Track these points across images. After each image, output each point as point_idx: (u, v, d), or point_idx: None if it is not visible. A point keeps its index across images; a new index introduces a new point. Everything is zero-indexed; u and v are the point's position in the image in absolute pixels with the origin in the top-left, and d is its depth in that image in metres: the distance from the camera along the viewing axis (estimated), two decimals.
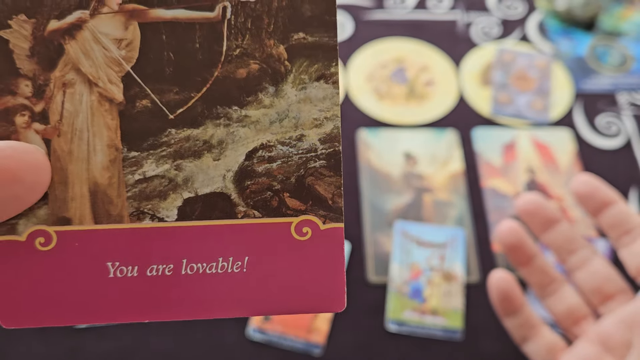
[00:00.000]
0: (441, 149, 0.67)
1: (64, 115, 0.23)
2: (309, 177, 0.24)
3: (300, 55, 0.23)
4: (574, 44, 0.78)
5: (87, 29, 0.23)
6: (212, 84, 0.23)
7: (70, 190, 0.23)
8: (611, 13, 0.82)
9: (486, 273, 0.59)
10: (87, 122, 0.23)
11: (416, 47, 0.77)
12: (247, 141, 0.24)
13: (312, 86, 0.23)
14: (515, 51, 0.77)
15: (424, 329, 0.55)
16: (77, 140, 0.23)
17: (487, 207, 0.63)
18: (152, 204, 0.23)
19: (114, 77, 0.23)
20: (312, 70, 0.23)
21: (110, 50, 0.23)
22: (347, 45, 0.77)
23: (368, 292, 0.57)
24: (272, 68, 0.23)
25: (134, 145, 0.23)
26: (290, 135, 0.23)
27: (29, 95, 0.23)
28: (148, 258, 0.23)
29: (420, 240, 0.60)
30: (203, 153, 0.23)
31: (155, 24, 0.23)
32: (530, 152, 0.67)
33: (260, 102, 0.23)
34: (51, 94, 0.23)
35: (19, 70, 0.23)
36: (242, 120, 0.23)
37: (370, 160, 0.66)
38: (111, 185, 0.23)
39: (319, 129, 0.23)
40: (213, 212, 0.23)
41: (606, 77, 0.75)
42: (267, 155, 0.24)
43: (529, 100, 0.72)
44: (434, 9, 0.81)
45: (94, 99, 0.23)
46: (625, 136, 0.69)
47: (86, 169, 0.23)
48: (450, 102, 0.72)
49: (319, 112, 0.24)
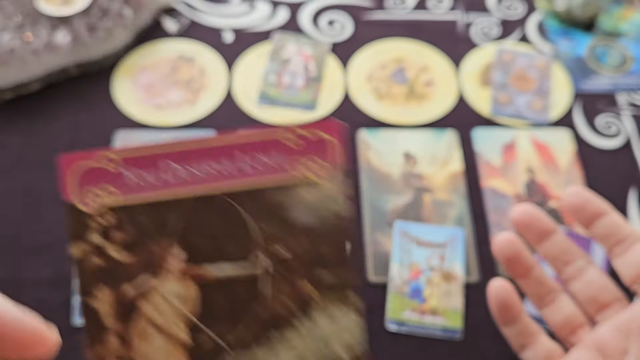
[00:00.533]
0: (441, 149, 0.68)
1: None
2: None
3: (325, 288, 0.30)
4: (574, 44, 0.79)
5: (157, 291, 0.29)
6: (260, 320, 0.30)
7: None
8: (611, 13, 0.83)
9: (486, 273, 0.59)
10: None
11: (416, 48, 0.77)
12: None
13: (337, 313, 0.30)
14: (515, 51, 0.77)
15: (424, 328, 0.56)
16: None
17: (486, 207, 0.63)
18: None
19: (182, 326, 0.29)
20: (336, 299, 0.30)
21: (175, 306, 0.29)
22: (347, 45, 0.77)
23: (368, 292, 0.57)
24: (303, 301, 0.30)
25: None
26: (323, 353, 0.30)
27: (117, 345, 0.29)
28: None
29: (420, 240, 0.60)
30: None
31: (211, 283, 0.29)
32: (529, 152, 0.68)
33: (296, 329, 0.30)
34: (131, 343, 0.29)
35: (105, 325, 0.29)
36: (283, 343, 0.29)
37: (370, 160, 0.67)
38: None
39: (348, 350, 0.30)
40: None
41: (605, 78, 0.75)
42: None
43: (529, 100, 0.72)
44: (433, 10, 0.82)
45: (166, 343, 0.30)
46: (624, 136, 0.70)
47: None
48: (450, 102, 0.72)
49: (345, 336, 0.30)
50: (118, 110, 0.70)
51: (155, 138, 0.67)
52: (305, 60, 0.76)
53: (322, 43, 0.77)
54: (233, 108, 0.71)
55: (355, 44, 0.77)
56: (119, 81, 0.73)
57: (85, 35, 0.69)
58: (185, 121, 0.69)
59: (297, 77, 0.74)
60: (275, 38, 0.77)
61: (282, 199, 0.30)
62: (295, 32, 0.79)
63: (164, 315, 0.29)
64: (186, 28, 0.78)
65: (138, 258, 0.29)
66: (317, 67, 0.75)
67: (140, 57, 0.75)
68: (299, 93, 0.72)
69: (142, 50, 0.75)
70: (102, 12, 0.71)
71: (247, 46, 0.77)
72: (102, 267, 0.29)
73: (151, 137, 0.67)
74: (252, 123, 0.70)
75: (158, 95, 0.72)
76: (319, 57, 0.76)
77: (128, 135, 0.67)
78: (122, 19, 0.71)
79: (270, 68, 0.74)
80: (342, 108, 0.71)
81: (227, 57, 0.76)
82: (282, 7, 0.81)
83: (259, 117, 0.70)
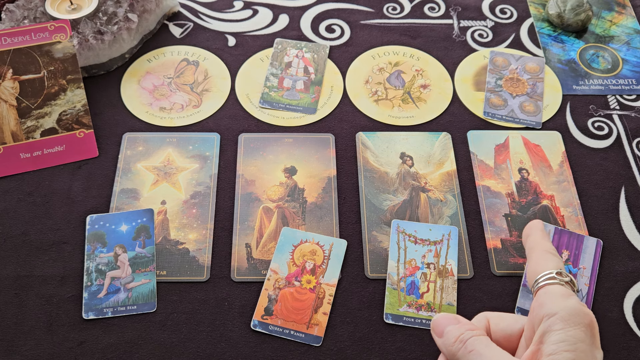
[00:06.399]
0: (436, 149, 0.69)
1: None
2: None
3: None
4: (565, 48, 0.80)
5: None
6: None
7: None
8: (602, 18, 0.84)
9: (479, 269, 0.60)
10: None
11: (412, 52, 0.79)
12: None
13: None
14: (508, 55, 0.78)
15: (420, 323, 0.57)
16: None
17: (480, 205, 0.65)
18: None
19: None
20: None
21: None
22: (345, 49, 0.79)
23: (366, 288, 0.59)
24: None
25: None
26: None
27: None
28: None
29: (416, 237, 0.62)
30: None
31: None
32: (522, 152, 0.69)
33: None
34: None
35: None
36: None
37: (368, 161, 0.68)
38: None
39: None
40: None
41: (596, 80, 0.77)
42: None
43: (521, 102, 0.74)
44: (429, 15, 0.83)
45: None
46: (614, 137, 0.71)
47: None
48: (445, 104, 0.73)
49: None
50: (124, 113, 0.71)
51: (161, 139, 0.69)
52: (305, 64, 0.77)
53: (321, 47, 0.78)
54: (235, 110, 0.72)
55: (353, 48, 0.79)
56: (124, 84, 0.74)
57: (91, 39, 0.70)
58: (189, 123, 0.71)
59: (297, 81, 0.75)
60: (276, 42, 0.79)
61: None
62: (296, 36, 0.80)
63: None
64: (190, 33, 0.80)
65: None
66: (317, 70, 0.76)
67: (146, 60, 0.76)
68: (299, 96, 0.74)
69: (147, 54, 0.77)
70: (108, 17, 0.72)
71: (249, 50, 0.78)
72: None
73: (156, 139, 0.69)
74: (253, 125, 0.71)
75: (163, 97, 0.73)
76: (319, 61, 0.77)
77: (134, 137, 0.69)
78: (127, 23, 0.73)
79: (271, 71, 0.76)
80: (341, 110, 0.73)
81: (229, 60, 0.77)
82: (283, 12, 0.82)
83: (260, 119, 0.71)
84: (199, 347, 0.55)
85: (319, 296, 0.58)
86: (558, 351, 0.35)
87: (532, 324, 0.38)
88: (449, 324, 0.40)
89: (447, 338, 0.39)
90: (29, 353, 0.54)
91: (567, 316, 0.36)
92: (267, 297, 0.58)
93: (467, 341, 0.38)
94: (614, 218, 0.64)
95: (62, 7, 0.73)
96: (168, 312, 0.57)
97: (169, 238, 0.61)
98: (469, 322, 0.40)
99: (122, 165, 0.67)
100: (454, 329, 0.39)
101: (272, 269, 0.59)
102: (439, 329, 0.40)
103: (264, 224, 0.63)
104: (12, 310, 0.57)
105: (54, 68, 0.67)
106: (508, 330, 0.41)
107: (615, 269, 0.60)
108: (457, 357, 0.38)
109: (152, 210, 0.62)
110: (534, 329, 0.38)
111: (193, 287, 0.59)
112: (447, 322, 0.40)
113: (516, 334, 0.41)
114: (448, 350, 0.39)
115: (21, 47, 0.66)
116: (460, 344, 0.38)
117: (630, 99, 0.75)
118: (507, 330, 0.41)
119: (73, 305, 0.57)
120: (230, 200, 0.64)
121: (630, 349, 0.56)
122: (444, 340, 0.40)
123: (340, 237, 0.62)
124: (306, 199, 0.65)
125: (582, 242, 0.61)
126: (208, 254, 0.61)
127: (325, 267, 0.60)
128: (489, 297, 0.58)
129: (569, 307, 0.36)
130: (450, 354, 0.39)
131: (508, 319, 0.41)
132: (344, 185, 0.66)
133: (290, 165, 0.67)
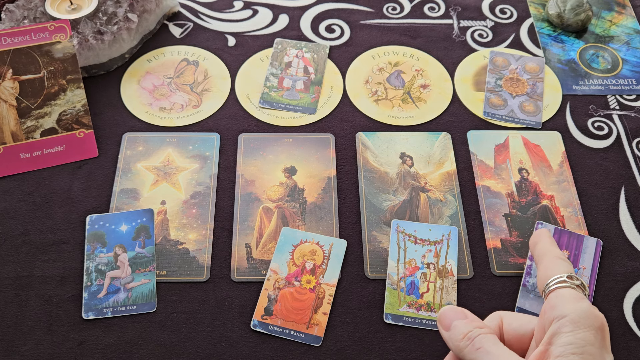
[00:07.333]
0: (436, 149, 0.69)
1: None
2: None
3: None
4: (565, 48, 0.80)
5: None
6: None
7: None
8: (601, 18, 0.84)
9: (478, 269, 0.60)
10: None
11: (412, 52, 0.79)
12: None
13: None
14: (508, 55, 0.78)
15: (420, 323, 0.57)
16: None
17: (480, 205, 0.65)
18: None
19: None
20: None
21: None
22: (344, 49, 0.79)
23: (366, 288, 0.59)
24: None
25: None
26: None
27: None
28: None
29: (416, 237, 0.62)
30: None
31: None
32: (522, 152, 0.69)
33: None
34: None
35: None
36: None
37: (368, 161, 0.68)
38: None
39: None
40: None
41: (596, 80, 0.77)
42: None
43: (521, 102, 0.74)
44: (429, 15, 0.83)
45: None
46: (614, 137, 0.71)
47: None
48: (445, 104, 0.74)
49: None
50: (124, 113, 0.71)
51: (160, 139, 0.69)
52: (305, 64, 0.77)
53: (321, 47, 0.79)
54: (235, 110, 0.72)
55: (352, 48, 0.79)
56: (124, 84, 0.74)
57: (91, 39, 0.71)
58: (188, 123, 0.71)
59: (297, 81, 0.75)
60: (276, 42, 0.79)
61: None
62: (296, 36, 0.80)
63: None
64: (190, 33, 0.80)
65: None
66: (317, 70, 0.76)
67: (145, 60, 0.76)
68: (299, 96, 0.74)
69: (147, 54, 0.77)
70: (108, 17, 0.73)
71: (248, 50, 0.78)
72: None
73: (156, 139, 0.69)
74: (253, 125, 0.71)
75: (163, 97, 0.73)
76: (319, 61, 0.77)
77: (134, 137, 0.69)
78: (127, 23, 0.73)
79: (271, 71, 0.76)
80: (341, 110, 0.73)
81: (229, 61, 0.77)
82: (283, 12, 0.82)
83: (260, 119, 0.71)
84: (198, 347, 0.55)
85: (319, 296, 0.58)
86: (565, 353, 0.35)
87: (543, 326, 0.38)
88: (456, 317, 0.40)
89: (455, 333, 0.39)
90: (29, 353, 0.54)
91: (577, 318, 0.36)
92: (267, 297, 0.58)
93: (475, 339, 0.38)
94: (614, 218, 0.64)
95: (62, 7, 0.73)
96: (168, 312, 0.57)
97: (169, 238, 0.61)
98: (476, 318, 0.40)
99: (122, 165, 0.67)
100: (461, 324, 0.39)
101: (272, 269, 0.59)
102: (446, 322, 0.40)
103: (264, 224, 0.63)
104: (12, 310, 0.57)
105: (54, 68, 0.67)
106: (521, 331, 0.41)
107: (615, 269, 0.60)
108: (464, 353, 0.38)
109: (152, 210, 0.62)
110: (544, 331, 0.38)
111: (193, 287, 0.59)
112: (455, 316, 0.40)
113: (528, 335, 0.41)
114: (455, 345, 0.39)
115: (21, 47, 0.66)
116: (468, 341, 0.38)
117: (630, 99, 0.75)
118: (519, 330, 0.41)
119: (73, 305, 0.57)
120: (230, 200, 0.64)
121: (630, 349, 0.56)
122: (450, 334, 0.40)
123: (340, 237, 0.62)
124: (306, 199, 0.65)
125: (582, 242, 0.61)
126: (208, 254, 0.61)
127: (325, 267, 0.60)
128: (488, 297, 0.59)
129: (579, 310, 0.36)
130: (457, 349, 0.39)
131: (522, 319, 0.41)
132: (343, 185, 0.66)
133: (290, 165, 0.67)
